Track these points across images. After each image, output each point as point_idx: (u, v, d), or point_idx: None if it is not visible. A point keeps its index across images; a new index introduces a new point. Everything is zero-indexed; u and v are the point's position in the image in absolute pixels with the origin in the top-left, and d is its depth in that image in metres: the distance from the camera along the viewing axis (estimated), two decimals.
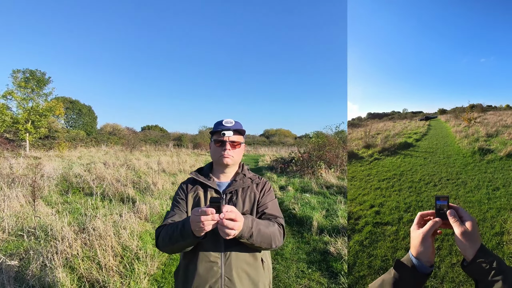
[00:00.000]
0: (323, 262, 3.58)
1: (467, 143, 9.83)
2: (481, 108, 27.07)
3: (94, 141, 29.56)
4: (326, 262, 3.58)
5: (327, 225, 4.62)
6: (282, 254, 3.88)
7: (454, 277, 2.85)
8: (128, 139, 29.14)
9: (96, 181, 7.24)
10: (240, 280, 1.22)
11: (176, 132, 44.56)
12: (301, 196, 6.86)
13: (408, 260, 0.77)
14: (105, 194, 6.33)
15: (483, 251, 0.71)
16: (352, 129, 18.88)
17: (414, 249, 0.77)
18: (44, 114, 21.69)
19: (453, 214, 0.77)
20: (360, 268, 3.11)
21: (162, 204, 5.61)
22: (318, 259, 3.68)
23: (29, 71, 21.30)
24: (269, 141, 49.14)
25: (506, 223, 3.88)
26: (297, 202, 6.08)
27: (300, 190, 7.79)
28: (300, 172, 10.71)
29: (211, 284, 1.19)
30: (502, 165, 7.03)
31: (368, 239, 3.71)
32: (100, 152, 21.54)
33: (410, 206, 4.86)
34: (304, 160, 11.29)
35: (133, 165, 11.39)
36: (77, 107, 35.30)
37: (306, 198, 6.53)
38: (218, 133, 1.35)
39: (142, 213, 4.83)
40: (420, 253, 0.75)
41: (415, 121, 24.68)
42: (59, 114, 24.12)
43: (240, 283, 1.21)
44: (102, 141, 30.01)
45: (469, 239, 0.72)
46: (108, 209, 4.78)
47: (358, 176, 7.08)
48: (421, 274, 0.74)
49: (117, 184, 7.08)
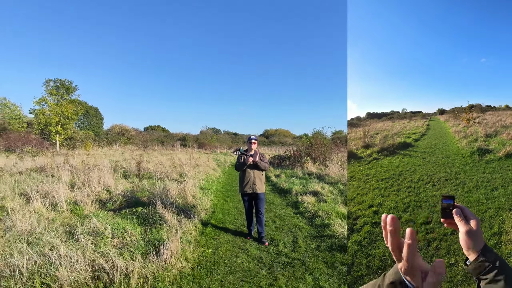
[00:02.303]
0: (294, 206, 6.32)
1: (466, 143, 9.81)
2: (480, 108, 27.06)
3: (106, 142, 31.11)
4: (296, 205, 6.30)
5: (301, 191, 7.35)
6: (275, 203, 6.67)
7: (452, 276, 2.86)
8: (142, 139, 31.63)
9: (145, 170, 9.88)
10: (258, 180, 4.16)
11: (180, 132, 44.65)
12: (289, 179, 9.68)
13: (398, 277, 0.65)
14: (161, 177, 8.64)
15: (486, 251, 0.70)
16: (351, 129, 18.85)
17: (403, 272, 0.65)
18: (71, 117, 25.17)
19: (459, 213, 0.77)
20: (359, 268, 3.12)
21: (200, 181, 8.65)
22: (292, 204, 6.50)
23: (59, 81, 25.11)
24: (269, 141, 49.12)
25: (504, 223, 3.88)
26: (286, 182, 9.12)
27: (289, 176, 10.60)
28: (291, 165, 13.37)
29: (248, 180, 4.13)
30: (500, 165, 7.00)
31: (366, 239, 3.72)
32: (117, 152, 23.82)
33: (409, 206, 4.86)
34: (295, 156, 13.88)
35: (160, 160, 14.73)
36: (84, 109, 35.56)
37: (292, 180, 9.40)
38: (250, 139, 4.25)
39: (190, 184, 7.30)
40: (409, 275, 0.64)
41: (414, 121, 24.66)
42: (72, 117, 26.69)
43: (258, 180, 4.16)
44: (113, 141, 31.70)
45: (473, 238, 0.72)
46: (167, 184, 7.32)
47: (357, 176, 7.08)
48: None
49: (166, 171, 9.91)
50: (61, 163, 10.22)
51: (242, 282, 2.87)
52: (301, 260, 3.37)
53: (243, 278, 2.96)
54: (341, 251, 3.62)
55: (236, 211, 5.74)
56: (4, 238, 3.51)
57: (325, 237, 4.13)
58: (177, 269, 2.96)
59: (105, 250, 3.00)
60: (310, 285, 2.82)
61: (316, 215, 5.17)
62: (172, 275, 2.85)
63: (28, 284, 2.49)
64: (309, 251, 3.67)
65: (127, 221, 4.31)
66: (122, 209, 5.16)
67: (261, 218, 4.08)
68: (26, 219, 4.00)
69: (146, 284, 2.65)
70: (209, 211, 5.46)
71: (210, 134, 45.87)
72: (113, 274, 2.64)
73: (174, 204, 5.19)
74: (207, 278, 2.92)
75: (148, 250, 3.28)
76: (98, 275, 2.66)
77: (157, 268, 2.87)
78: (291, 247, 3.80)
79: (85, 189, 5.96)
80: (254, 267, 3.20)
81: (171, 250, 3.10)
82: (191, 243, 3.71)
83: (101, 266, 2.72)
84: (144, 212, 4.89)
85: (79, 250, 2.91)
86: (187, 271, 3.01)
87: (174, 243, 3.22)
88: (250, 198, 4.23)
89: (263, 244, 3.89)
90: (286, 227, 4.70)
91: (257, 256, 3.51)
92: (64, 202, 5.06)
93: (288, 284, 2.84)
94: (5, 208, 4.51)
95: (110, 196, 5.99)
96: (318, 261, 3.37)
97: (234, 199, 6.86)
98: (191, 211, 4.97)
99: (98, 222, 3.90)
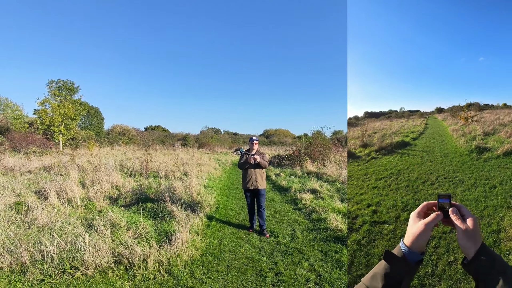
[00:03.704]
0: (293, 202, 6.67)
1: (464, 142, 9.87)
2: (478, 106, 27.20)
3: (107, 142, 31.43)
4: (295, 202, 6.66)
5: (300, 189, 7.75)
6: (275, 200, 7.05)
7: (451, 275, 2.88)
8: (143, 139, 32.05)
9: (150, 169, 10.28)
10: (259, 177, 4.51)
11: (180, 132, 44.93)
12: (289, 178, 10.04)
13: (399, 250, 0.76)
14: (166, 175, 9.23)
15: (484, 250, 0.69)
16: (349, 128, 19.12)
17: (410, 237, 0.75)
18: (74, 118, 25.39)
19: (455, 212, 0.76)
20: (358, 267, 3.17)
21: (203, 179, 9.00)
22: (291, 201, 6.86)
23: (61, 81, 25.35)
24: (269, 140, 49.44)
25: (503, 221, 3.91)
26: (285, 180, 9.48)
27: (288, 175, 10.96)
28: (291, 164, 13.63)
29: (250, 178, 4.50)
30: (499, 163, 7.02)
31: (365, 238, 3.77)
32: (119, 151, 24.16)
33: (407, 205, 4.87)
34: (295, 155, 14.18)
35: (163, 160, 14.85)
36: (86, 109, 35.85)
37: (291, 179, 9.77)
38: (252, 140, 4.67)
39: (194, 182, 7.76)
40: (415, 242, 0.74)
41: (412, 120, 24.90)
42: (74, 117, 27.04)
43: (259, 177, 4.51)
44: (114, 141, 32.03)
45: (471, 237, 0.71)
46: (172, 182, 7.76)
47: (355, 175, 7.16)
48: (412, 264, 0.74)
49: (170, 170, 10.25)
50: (68, 162, 10.62)
51: (246, 266, 3.23)
52: (299, 249, 3.73)
53: (247, 263, 3.31)
54: (335, 241, 3.97)
55: (238, 207, 6.09)
56: (29, 230, 3.88)
57: (321, 230, 4.48)
58: (188, 255, 3.33)
59: (123, 239, 3.36)
60: (306, 269, 3.18)
61: (314, 210, 5.52)
62: (183, 260, 3.22)
63: (59, 267, 2.84)
64: (306, 241, 4.02)
65: (138, 215, 4.68)
66: (132, 205, 5.52)
67: (262, 212, 4.45)
68: (46, 213, 4.36)
69: (161, 267, 3.01)
70: (213, 207, 5.82)
71: (211, 134, 46.15)
72: (133, 259, 3.00)
73: (181, 200, 5.57)
74: (215, 263, 3.29)
75: (161, 240, 3.64)
76: (120, 260, 3.02)
77: (170, 254, 3.23)
78: (290, 238, 4.15)
79: (96, 186, 6.31)
80: (256, 255, 3.55)
81: (182, 240, 3.46)
82: (199, 234, 4.07)
83: (121, 252, 3.08)
84: (154, 207, 5.25)
85: (100, 239, 3.27)
86: (197, 258, 3.37)
87: (184, 234, 3.59)
88: (252, 194, 4.59)
89: (264, 236, 4.25)
90: (286, 221, 5.05)
91: (259, 245, 3.86)
92: (78, 199, 5.42)
93: (286, 268, 3.20)
94: (25, 204, 4.86)
95: (120, 193, 6.35)
96: (314, 249, 3.72)
97: (236, 197, 7.21)
98: (196, 207, 5.33)
99: (114, 215, 4.26)
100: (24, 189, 6.28)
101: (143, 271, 2.90)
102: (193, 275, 2.99)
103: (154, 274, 2.92)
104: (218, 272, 3.09)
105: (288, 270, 3.14)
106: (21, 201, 5.11)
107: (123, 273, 2.89)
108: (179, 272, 3.00)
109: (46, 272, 2.79)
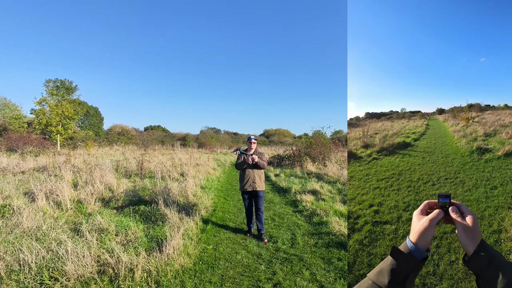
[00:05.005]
0: (293, 204, 6.44)
1: (465, 143, 9.85)
2: (479, 107, 27.07)
3: (106, 141, 31.26)
4: (295, 203, 6.42)
5: (300, 190, 7.51)
6: (274, 201, 6.85)
7: (453, 274, 2.89)
8: (142, 139, 31.88)
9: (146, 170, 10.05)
10: (257, 178, 4.26)
11: (179, 132, 44.71)
12: (288, 179, 9.86)
13: (405, 247, 0.77)
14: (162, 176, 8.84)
15: (483, 246, 0.72)
16: (350, 129, 18.94)
17: (416, 234, 0.77)
18: (72, 117, 25.28)
19: (455, 211, 0.79)
20: (360, 266, 3.15)
21: (201, 180, 8.78)
22: (291, 203, 6.63)
23: (59, 81, 25.23)
24: (269, 140, 49.23)
25: (504, 221, 3.93)
26: (285, 181, 9.28)
27: (288, 175, 10.76)
28: (291, 165, 13.38)
29: (248, 179, 4.24)
30: (500, 164, 7.04)
31: (367, 238, 3.75)
32: (118, 151, 23.96)
33: (409, 205, 4.88)
34: (295, 155, 14.01)
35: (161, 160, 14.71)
36: (84, 109, 35.67)
37: (291, 180, 9.55)
38: (250, 139, 4.37)
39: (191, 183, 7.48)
40: (421, 238, 0.76)
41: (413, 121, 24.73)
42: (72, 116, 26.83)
43: (258, 178, 4.27)
44: (114, 141, 31.87)
45: (470, 234, 0.73)
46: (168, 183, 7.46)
47: (357, 176, 7.12)
48: (418, 260, 0.75)
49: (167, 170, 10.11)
50: (63, 162, 10.36)
51: (241, 276, 2.98)
52: (299, 256, 3.48)
53: (243, 272, 3.07)
54: (338, 247, 3.73)
55: (236, 209, 5.85)
56: (11, 235, 3.63)
57: (322, 234, 4.24)
58: (180, 264, 3.08)
59: (110, 246, 3.12)
60: (307, 279, 2.93)
61: (315, 213, 5.28)
62: (174, 269, 2.97)
63: (37, 278, 2.60)
64: (307, 247, 3.78)
65: (130, 218, 4.43)
66: (124, 207, 5.28)
67: (260, 215, 4.20)
68: (32, 217, 4.11)
69: (149, 278, 2.77)
70: (210, 210, 5.57)
71: (210, 134, 46.00)
72: (118, 269, 2.75)
73: (175, 203, 5.31)
74: (208, 272, 3.04)
75: (151, 246, 3.39)
76: (104, 270, 2.77)
77: (160, 263, 2.98)
78: (290, 244, 3.91)
79: (88, 188, 6.07)
80: (254, 263, 3.31)
81: (173, 246, 3.21)
82: (193, 239, 3.82)
83: (107, 261, 2.83)
84: (147, 210, 5.01)
85: (85, 246, 3.02)
86: (189, 266, 3.12)
87: (176, 240, 3.34)
88: (250, 196, 4.34)
89: (262, 241, 4.00)
90: (285, 224, 4.81)
91: (257, 252, 3.62)
92: (68, 201, 5.17)
93: (286, 278, 2.95)
94: (11, 207, 4.62)
95: (112, 195, 6.11)
96: (316, 257, 3.48)
97: (234, 198, 6.97)
98: (192, 209, 5.08)
99: (102, 219, 4.01)
100: (13, 190, 6.04)
101: (129, 282, 2.65)
102: (183, 286, 2.74)
103: (141, 286, 2.67)
104: (211, 283, 2.84)
105: (288, 281, 2.90)
106: (6, 204, 4.87)
107: (107, 284, 2.64)
108: (168, 283, 2.75)
109: (23, 284, 2.54)
